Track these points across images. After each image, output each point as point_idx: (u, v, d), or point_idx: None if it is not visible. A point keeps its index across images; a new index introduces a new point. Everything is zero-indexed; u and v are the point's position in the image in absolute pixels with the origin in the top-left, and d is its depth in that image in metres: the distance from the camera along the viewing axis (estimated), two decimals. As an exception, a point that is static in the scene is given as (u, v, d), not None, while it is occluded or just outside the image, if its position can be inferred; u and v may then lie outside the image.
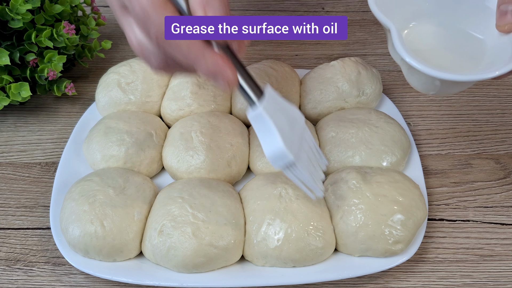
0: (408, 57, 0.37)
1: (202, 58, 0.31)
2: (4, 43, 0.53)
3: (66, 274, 0.44)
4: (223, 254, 0.40)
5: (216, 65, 0.31)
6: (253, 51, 0.66)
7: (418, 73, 0.37)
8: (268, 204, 0.42)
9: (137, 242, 0.42)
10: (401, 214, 0.41)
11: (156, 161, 0.49)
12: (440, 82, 0.38)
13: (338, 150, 0.48)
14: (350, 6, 0.73)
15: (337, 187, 0.44)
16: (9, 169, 0.52)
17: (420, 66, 0.36)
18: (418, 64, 0.36)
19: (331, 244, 0.42)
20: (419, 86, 0.41)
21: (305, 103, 0.54)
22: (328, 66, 0.55)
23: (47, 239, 0.46)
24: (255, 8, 0.74)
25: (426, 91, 0.41)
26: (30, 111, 0.58)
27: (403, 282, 0.43)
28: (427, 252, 0.45)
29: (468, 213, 0.48)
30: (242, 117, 0.53)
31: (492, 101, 0.59)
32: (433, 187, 0.50)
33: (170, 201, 0.42)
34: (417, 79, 0.40)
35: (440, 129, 0.56)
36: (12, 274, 0.44)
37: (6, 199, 0.50)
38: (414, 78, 0.40)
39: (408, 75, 0.41)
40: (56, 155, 0.54)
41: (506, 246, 0.46)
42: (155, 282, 0.40)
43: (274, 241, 0.40)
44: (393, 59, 0.43)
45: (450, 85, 0.39)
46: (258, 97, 0.33)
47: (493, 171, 0.51)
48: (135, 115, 0.51)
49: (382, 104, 0.55)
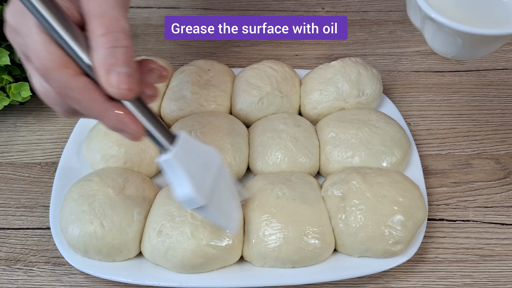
0: (433, 12, 0.37)
1: (104, 115, 0.30)
2: (4, 43, 0.53)
3: (66, 274, 0.44)
4: (222, 254, 0.40)
5: (119, 121, 0.31)
6: (253, 51, 0.66)
7: (440, 31, 0.38)
8: (266, 205, 0.42)
9: (136, 242, 0.42)
10: (401, 214, 0.41)
11: (156, 161, 0.49)
12: (463, 41, 0.38)
13: (338, 151, 0.48)
14: (350, 6, 0.73)
15: (337, 188, 0.44)
16: (9, 169, 0.52)
17: (444, 20, 0.37)
18: (442, 18, 0.37)
19: (330, 244, 0.42)
20: (441, 46, 0.41)
21: (305, 103, 0.54)
22: (328, 66, 0.55)
23: (47, 239, 0.46)
24: (255, 8, 0.74)
25: (447, 53, 0.42)
26: (30, 111, 0.58)
27: (403, 282, 0.43)
28: (427, 252, 0.45)
29: (468, 213, 0.48)
30: (242, 117, 0.53)
31: (492, 101, 0.59)
32: (433, 187, 0.50)
33: (169, 201, 0.42)
34: (439, 38, 0.40)
35: (440, 129, 0.56)
36: (12, 274, 0.44)
37: (6, 199, 0.50)
38: (436, 38, 0.41)
39: (430, 36, 0.41)
40: (56, 155, 0.54)
41: (506, 246, 0.45)
42: (154, 282, 0.40)
43: (272, 242, 0.40)
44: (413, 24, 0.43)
45: (473, 44, 0.39)
46: (171, 143, 0.33)
47: (493, 171, 0.51)
48: (135, 115, 0.51)
49: (382, 104, 0.55)
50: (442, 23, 0.36)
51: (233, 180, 0.41)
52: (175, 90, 0.54)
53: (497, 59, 0.64)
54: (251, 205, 0.43)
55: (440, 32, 0.38)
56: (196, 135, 0.48)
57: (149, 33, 0.69)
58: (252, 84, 0.53)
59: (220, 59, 0.65)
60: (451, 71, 0.63)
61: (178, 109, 0.53)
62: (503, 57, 0.64)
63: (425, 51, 0.65)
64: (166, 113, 0.53)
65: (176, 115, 0.53)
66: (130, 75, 0.29)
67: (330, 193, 0.44)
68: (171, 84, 0.55)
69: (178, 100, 0.53)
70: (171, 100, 0.53)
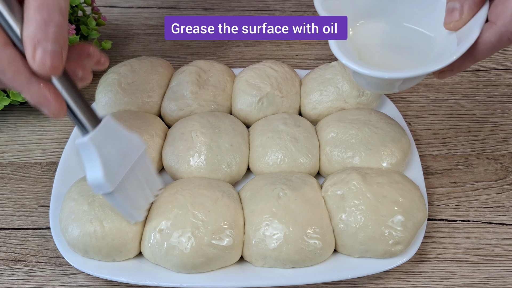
0: (345, 59, 0.37)
1: (27, 88, 0.31)
2: (4, 43, 0.53)
3: (66, 274, 0.44)
4: (222, 254, 0.40)
5: (41, 97, 0.31)
6: (253, 51, 0.66)
7: (358, 74, 0.38)
8: (266, 205, 0.42)
9: (136, 242, 0.42)
10: (401, 215, 0.41)
11: (156, 161, 0.49)
12: (382, 80, 0.39)
13: (338, 151, 0.48)
14: (350, 6, 0.73)
15: (337, 188, 0.44)
16: (9, 169, 0.52)
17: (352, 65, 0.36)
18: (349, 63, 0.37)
19: (330, 245, 0.42)
20: (364, 85, 0.41)
21: (305, 103, 0.54)
22: (328, 66, 0.55)
23: (47, 239, 0.46)
24: (255, 8, 0.74)
25: (371, 90, 0.43)
26: (30, 111, 0.58)
27: (403, 282, 0.43)
28: (427, 252, 0.45)
29: (469, 213, 0.48)
30: (242, 117, 0.53)
31: (492, 101, 0.59)
32: (433, 187, 0.50)
33: (170, 201, 0.42)
34: (360, 79, 0.41)
35: (440, 129, 0.56)
36: (12, 274, 0.44)
37: (6, 199, 0.50)
38: (358, 78, 0.41)
39: (354, 76, 0.42)
40: (56, 155, 0.54)
41: (506, 246, 0.45)
42: (154, 282, 0.40)
43: (273, 242, 0.40)
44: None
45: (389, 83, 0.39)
46: (93, 126, 0.34)
47: (494, 171, 0.51)
48: (135, 115, 0.51)
49: (382, 104, 0.55)
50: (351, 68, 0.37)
51: (153, 170, 0.42)
52: (175, 90, 0.54)
53: (497, 59, 0.64)
54: (252, 206, 0.43)
55: (358, 75, 0.39)
56: (196, 135, 0.48)
57: (149, 33, 0.69)
58: (252, 84, 0.53)
59: (220, 59, 0.65)
60: (451, 71, 0.63)
61: (178, 109, 0.53)
62: (503, 57, 0.64)
63: (425, 51, 0.65)
64: (166, 113, 0.53)
65: (176, 115, 0.53)
66: (56, 53, 0.29)
67: (330, 193, 0.44)
68: (171, 84, 0.55)
69: (178, 100, 0.53)
70: (171, 100, 0.53)
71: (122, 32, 0.70)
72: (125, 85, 0.53)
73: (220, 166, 0.47)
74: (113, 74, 0.55)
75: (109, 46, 0.60)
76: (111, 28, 0.70)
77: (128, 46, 0.67)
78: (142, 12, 0.73)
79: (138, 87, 0.53)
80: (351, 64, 0.37)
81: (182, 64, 0.58)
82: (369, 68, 0.36)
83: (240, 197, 0.45)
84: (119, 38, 0.68)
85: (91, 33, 0.59)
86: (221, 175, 0.47)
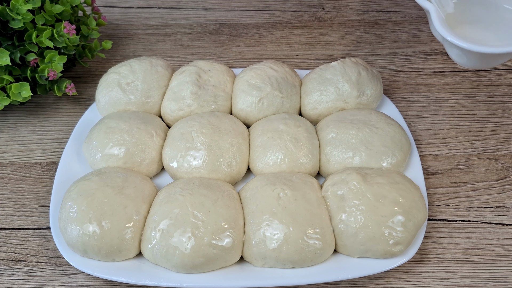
0: (448, 35, 0.39)
1: None
2: (4, 43, 0.53)
3: (66, 274, 0.44)
4: (222, 254, 0.40)
5: None
6: (253, 51, 0.66)
7: (458, 48, 0.40)
8: (266, 205, 0.42)
9: (136, 242, 0.42)
10: (401, 215, 0.41)
11: (156, 161, 0.49)
12: (474, 56, 0.40)
13: (338, 151, 0.48)
14: (350, 6, 0.73)
15: (337, 188, 0.44)
16: (9, 169, 0.52)
17: (457, 41, 0.39)
18: (452, 38, 0.39)
19: (331, 245, 0.42)
20: (459, 60, 0.43)
21: (306, 103, 0.54)
22: (328, 66, 0.55)
23: (47, 239, 0.46)
24: (255, 8, 0.74)
25: (466, 65, 0.44)
26: (30, 111, 0.58)
27: (403, 282, 0.43)
28: (427, 252, 0.45)
29: (469, 213, 0.48)
30: (242, 117, 0.53)
31: (492, 101, 0.59)
32: (433, 187, 0.50)
33: (170, 200, 0.42)
34: (457, 54, 0.43)
35: (440, 129, 0.56)
36: (13, 274, 0.44)
37: (6, 199, 0.50)
38: (452, 53, 0.43)
39: (448, 50, 0.44)
40: (56, 155, 0.54)
41: (506, 246, 0.45)
42: (154, 282, 0.40)
43: (273, 242, 0.40)
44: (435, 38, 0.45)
45: (482, 59, 0.41)
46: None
47: (494, 171, 0.51)
48: (135, 115, 0.51)
49: (382, 104, 0.55)
50: (456, 44, 0.39)
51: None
52: (175, 90, 0.54)
53: (498, 59, 0.64)
54: (252, 205, 0.43)
55: (458, 49, 0.41)
56: (196, 135, 0.48)
57: (149, 33, 0.69)
58: (252, 85, 0.53)
59: (220, 59, 0.65)
60: (451, 71, 0.63)
61: (178, 109, 0.53)
62: (503, 57, 0.64)
63: (426, 51, 0.65)
64: (166, 113, 0.53)
65: (176, 115, 0.53)
66: None
67: (330, 194, 0.44)
68: (171, 84, 0.55)
69: (178, 100, 0.53)
70: (171, 100, 0.53)
71: (122, 32, 0.70)
72: (125, 85, 0.53)
73: (220, 166, 0.47)
74: (113, 74, 0.55)
75: (110, 46, 0.60)
76: (112, 28, 0.70)
77: (128, 46, 0.67)
78: (142, 12, 0.73)
79: (138, 87, 0.53)
80: (459, 42, 0.39)
81: (182, 64, 0.58)
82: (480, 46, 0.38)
83: (240, 197, 0.45)
84: (119, 38, 0.68)
85: (91, 33, 0.59)
86: (221, 175, 0.47)
